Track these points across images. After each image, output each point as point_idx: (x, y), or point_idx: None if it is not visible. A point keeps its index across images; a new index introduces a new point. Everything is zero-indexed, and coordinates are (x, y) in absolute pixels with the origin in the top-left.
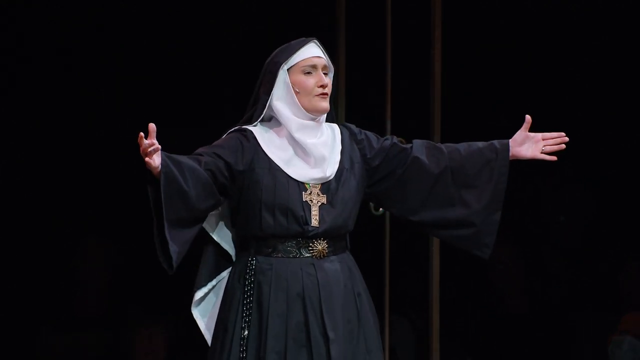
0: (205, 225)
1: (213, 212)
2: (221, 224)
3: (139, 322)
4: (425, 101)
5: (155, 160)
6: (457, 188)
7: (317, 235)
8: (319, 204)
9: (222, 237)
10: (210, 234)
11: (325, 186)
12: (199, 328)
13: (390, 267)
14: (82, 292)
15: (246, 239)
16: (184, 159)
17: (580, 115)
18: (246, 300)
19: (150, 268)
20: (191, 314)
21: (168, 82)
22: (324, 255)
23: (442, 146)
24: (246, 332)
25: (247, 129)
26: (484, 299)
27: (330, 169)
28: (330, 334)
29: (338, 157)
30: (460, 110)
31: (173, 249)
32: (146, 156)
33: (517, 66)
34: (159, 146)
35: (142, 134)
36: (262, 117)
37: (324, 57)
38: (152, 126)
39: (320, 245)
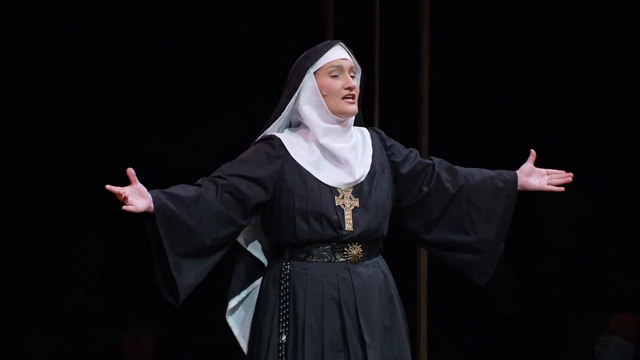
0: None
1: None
2: (252, 234)
3: (128, 323)
4: (413, 102)
5: (137, 205)
6: (469, 212)
7: (352, 239)
8: (352, 207)
9: (254, 246)
10: (243, 245)
11: (357, 189)
12: (188, 329)
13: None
14: (73, 292)
15: (280, 246)
16: (187, 192)
17: (573, 116)
18: (282, 306)
19: (140, 269)
20: (181, 315)
21: (168, 82)
22: (358, 260)
23: (457, 168)
24: (284, 337)
25: (273, 136)
26: (472, 300)
27: (359, 172)
28: (367, 339)
29: (369, 160)
30: (448, 111)
31: (182, 283)
32: (123, 205)
33: (506, 66)
34: (129, 193)
35: (107, 186)
36: (282, 120)
37: (350, 58)
38: (130, 171)
39: (355, 250)
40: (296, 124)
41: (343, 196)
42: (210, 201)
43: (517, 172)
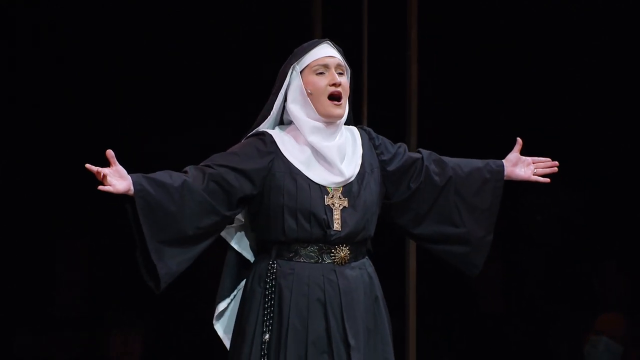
0: (225, 235)
1: (233, 224)
2: (241, 233)
3: (115, 324)
4: (401, 102)
5: (116, 186)
6: (457, 204)
7: (340, 240)
8: (341, 207)
9: (243, 247)
10: (231, 243)
11: (347, 189)
12: (176, 329)
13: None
14: (59, 293)
15: (267, 243)
16: (171, 178)
17: (558, 116)
18: (267, 304)
19: (128, 269)
20: (169, 316)
21: (168, 82)
22: (345, 262)
23: (445, 159)
24: (267, 336)
25: (265, 132)
26: (460, 299)
27: (349, 171)
28: (351, 341)
29: (359, 160)
30: (437, 112)
31: (163, 271)
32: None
33: (495, 65)
34: (108, 172)
35: (87, 165)
36: (271, 118)
37: (337, 56)
38: (109, 152)
39: (343, 252)
40: (287, 123)
41: (332, 195)
42: (195, 189)
43: (504, 161)
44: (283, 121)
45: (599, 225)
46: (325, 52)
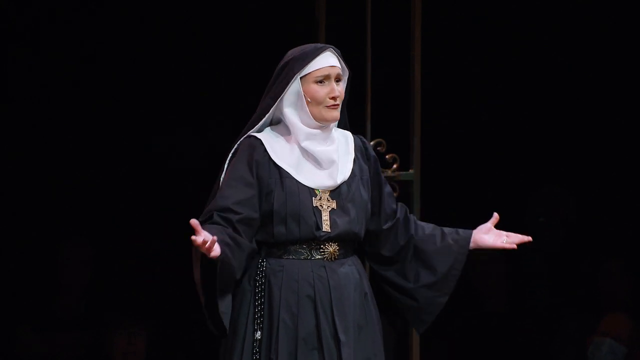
0: None
1: None
2: None
3: (118, 323)
4: (405, 102)
5: (216, 250)
6: (414, 262)
7: (330, 239)
8: (330, 209)
9: None
10: None
11: (336, 192)
12: (180, 328)
13: (370, 269)
14: (62, 292)
15: (257, 243)
16: (232, 238)
17: (559, 116)
18: (257, 302)
19: (130, 268)
20: (172, 314)
21: (168, 82)
22: (335, 258)
23: (413, 217)
24: (258, 334)
25: (255, 138)
26: (464, 300)
27: (341, 176)
28: (341, 337)
29: (350, 165)
30: (440, 112)
31: (227, 320)
32: (207, 252)
33: (498, 66)
34: (214, 238)
35: (194, 238)
36: (264, 121)
37: (338, 65)
38: (194, 222)
39: (332, 248)
40: (277, 121)
41: (320, 197)
42: (242, 245)
43: (474, 230)
44: (272, 119)
45: (602, 226)
46: (328, 61)
